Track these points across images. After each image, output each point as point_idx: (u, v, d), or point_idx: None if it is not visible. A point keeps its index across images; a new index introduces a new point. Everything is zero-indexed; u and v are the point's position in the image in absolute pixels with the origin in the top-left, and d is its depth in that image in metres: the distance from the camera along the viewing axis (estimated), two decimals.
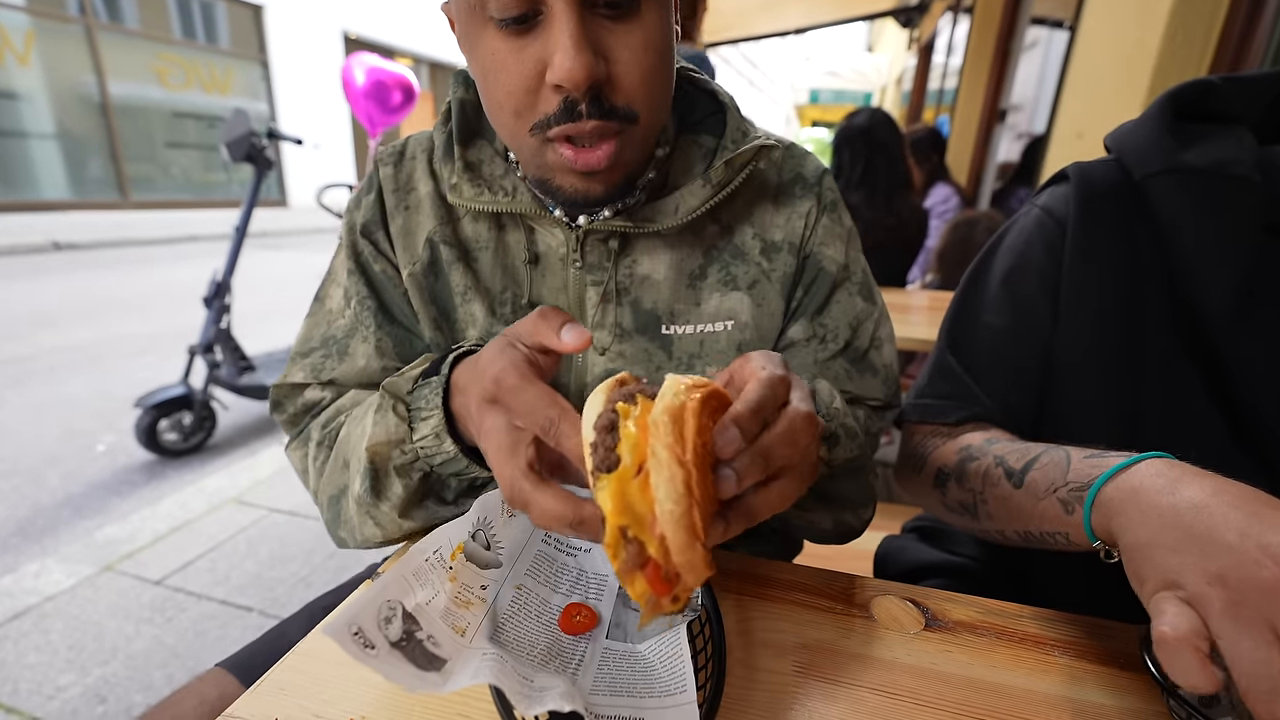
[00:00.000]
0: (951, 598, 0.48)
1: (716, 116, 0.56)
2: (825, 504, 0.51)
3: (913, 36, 6.64)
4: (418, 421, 0.43)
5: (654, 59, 0.43)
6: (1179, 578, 0.32)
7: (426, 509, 0.48)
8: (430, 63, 12.25)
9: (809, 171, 0.57)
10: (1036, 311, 0.56)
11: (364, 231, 0.56)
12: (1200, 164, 0.49)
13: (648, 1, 0.42)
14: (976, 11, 3.76)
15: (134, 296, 4.48)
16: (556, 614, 0.42)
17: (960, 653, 0.42)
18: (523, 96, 0.42)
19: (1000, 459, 0.49)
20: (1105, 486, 0.39)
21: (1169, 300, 0.51)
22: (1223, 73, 1.40)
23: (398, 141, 0.59)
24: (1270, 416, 0.47)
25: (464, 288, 0.54)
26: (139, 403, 2.16)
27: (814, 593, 0.48)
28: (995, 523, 0.50)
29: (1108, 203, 0.53)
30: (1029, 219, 0.59)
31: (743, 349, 0.54)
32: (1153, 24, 1.50)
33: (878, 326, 0.57)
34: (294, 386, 0.57)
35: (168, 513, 1.89)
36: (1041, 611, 0.46)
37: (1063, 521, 0.42)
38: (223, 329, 2.33)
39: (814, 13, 5.78)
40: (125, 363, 3.19)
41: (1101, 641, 0.43)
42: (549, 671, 0.36)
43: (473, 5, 0.41)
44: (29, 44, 7.06)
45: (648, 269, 0.54)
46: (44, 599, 1.51)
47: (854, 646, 0.43)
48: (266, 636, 0.58)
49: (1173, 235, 0.50)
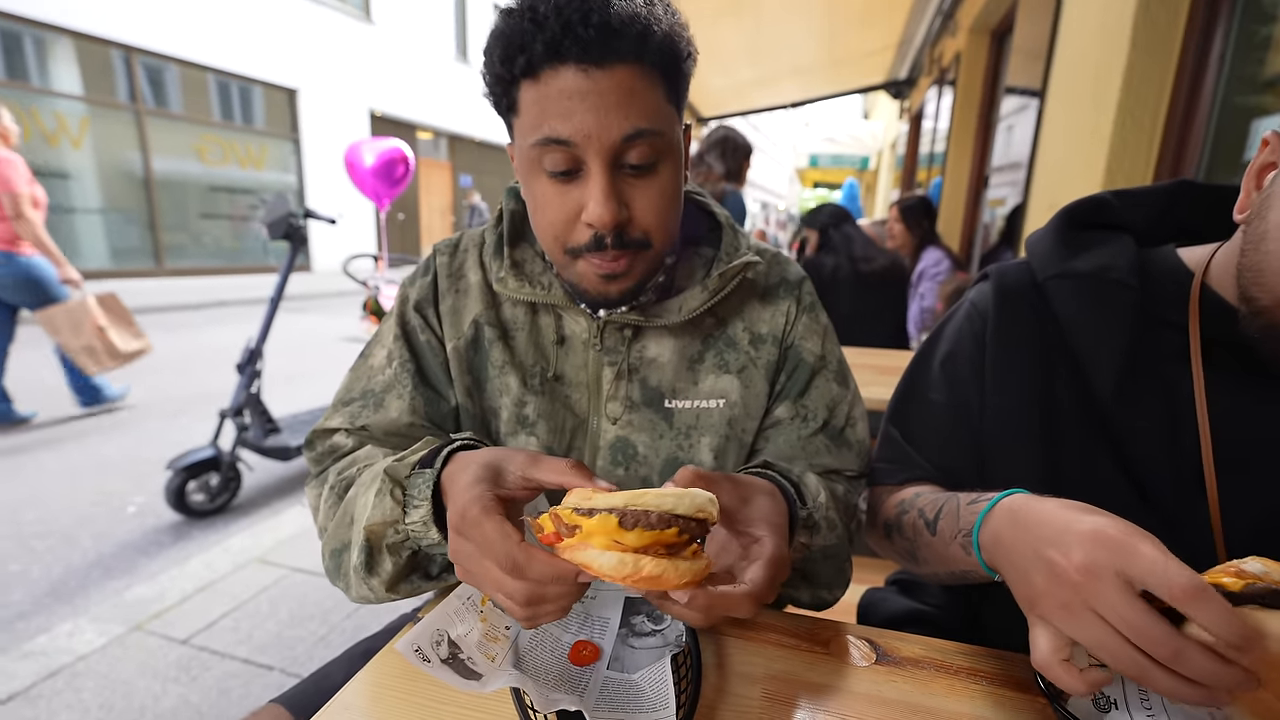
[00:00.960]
0: (902, 637, 0.56)
1: (715, 232, 0.69)
2: (805, 581, 0.60)
3: (903, 106, 7.03)
4: (410, 508, 0.49)
5: (665, 203, 0.57)
6: (1028, 605, 0.42)
7: (412, 583, 0.55)
8: (449, 135, 13.03)
9: (791, 275, 0.70)
10: (968, 392, 0.65)
11: (416, 307, 0.68)
12: (1086, 269, 0.60)
13: (663, 163, 0.56)
14: (959, 84, 4.04)
15: (166, 360, 4.68)
16: (566, 649, 0.51)
17: (904, 683, 0.50)
18: (563, 228, 0.56)
19: (921, 511, 0.58)
20: (981, 533, 0.49)
21: (1075, 382, 0.60)
22: (1170, 158, 1.55)
23: (455, 236, 0.72)
24: (1158, 481, 0.56)
25: (501, 362, 0.66)
26: (170, 465, 2.27)
27: (783, 633, 0.56)
28: (930, 567, 0.58)
29: (1021, 300, 0.64)
30: (961, 311, 0.70)
31: (733, 424, 0.66)
32: (1104, 109, 1.66)
33: (851, 407, 0.69)
34: (329, 431, 0.67)
35: (194, 573, 1.97)
36: (975, 648, 0.54)
37: (967, 562, 0.51)
38: (253, 393, 2.47)
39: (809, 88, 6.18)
40: (156, 425, 3.34)
41: (1021, 671, 0.51)
42: (561, 691, 0.45)
43: (532, 159, 0.54)
44: (83, 129, 7.67)
45: (655, 353, 0.65)
46: (76, 658, 1.57)
47: (815, 677, 0.51)
48: (313, 677, 0.66)
49: (1069, 328, 0.60)
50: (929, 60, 5.23)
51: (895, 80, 6.61)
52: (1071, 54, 1.99)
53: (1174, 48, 1.52)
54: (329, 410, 0.68)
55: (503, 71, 0.53)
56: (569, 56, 0.49)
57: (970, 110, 3.96)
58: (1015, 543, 0.44)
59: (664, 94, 0.54)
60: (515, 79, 0.52)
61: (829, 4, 3.87)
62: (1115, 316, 0.57)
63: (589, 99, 0.50)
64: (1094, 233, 0.63)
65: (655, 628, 0.53)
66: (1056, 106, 2.09)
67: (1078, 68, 1.92)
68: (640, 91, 0.52)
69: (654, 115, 0.53)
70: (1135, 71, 1.56)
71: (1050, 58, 2.16)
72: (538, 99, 0.52)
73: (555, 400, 0.66)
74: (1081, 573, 0.38)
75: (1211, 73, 1.46)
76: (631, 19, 0.50)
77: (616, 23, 0.49)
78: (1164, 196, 0.64)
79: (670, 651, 0.48)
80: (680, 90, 0.57)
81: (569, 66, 0.50)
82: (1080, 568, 0.38)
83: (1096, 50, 1.76)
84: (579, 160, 0.53)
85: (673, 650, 0.49)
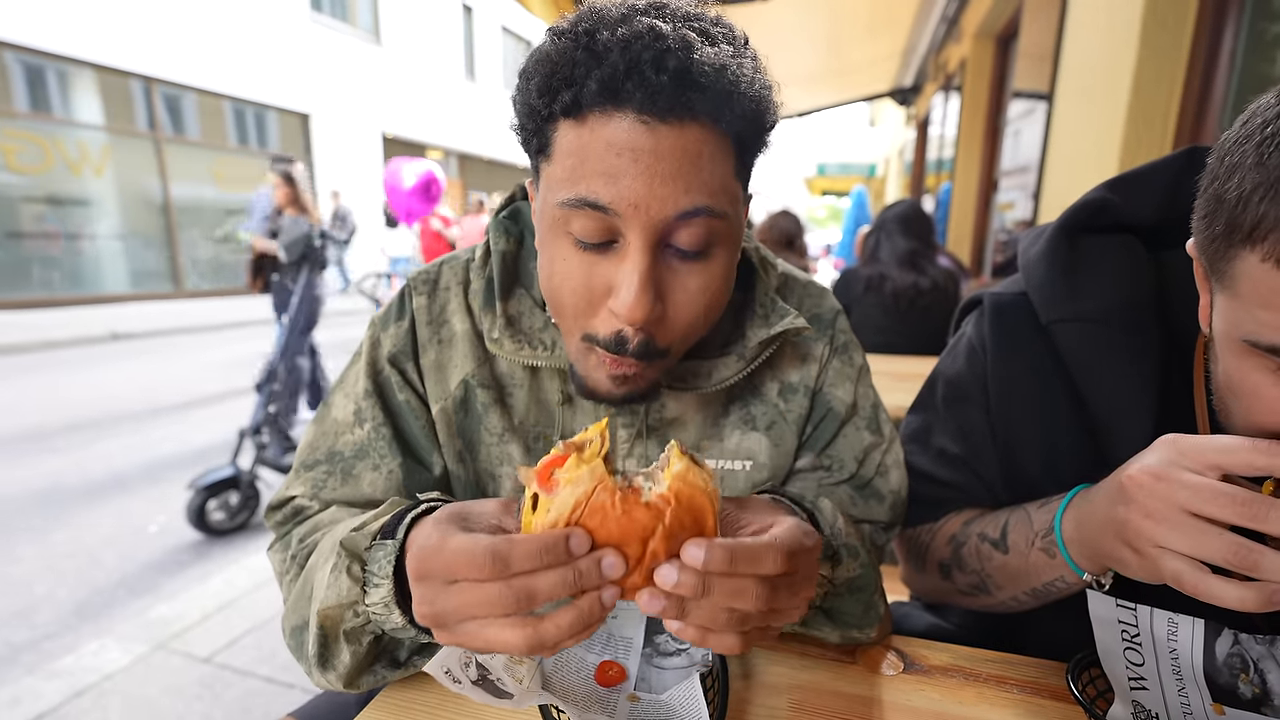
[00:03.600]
0: (929, 645, 0.55)
1: (743, 269, 0.58)
2: (830, 620, 0.51)
3: (910, 113, 7.03)
4: (370, 586, 0.41)
5: (708, 299, 0.46)
6: (1121, 538, 0.42)
7: (375, 674, 0.47)
8: (459, 154, 13.22)
9: (825, 311, 0.62)
10: (981, 436, 0.62)
11: (392, 360, 0.57)
12: (1094, 315, 0.54)
13: (718, 249, 0.45)
14: (965, 89, 4.04)
15: (184, 381, 4.77)
16: (592, 669, 0.51)
17: (933, 691, 0.49)
18: (585, 307, 0.46)
19: (982, 534, 0.55)
20: (1064, 526, 0.48)
21: (1081, 425, 0.55)
22: None
23: (431, 268, 0.60)
24: None
25: (500, 430, 0.57)
26: (191, 484, 2.31)
27: (808, 642, 0.55)
28: (1006, 592, 0.55)
29: (1020, 337, 0.59)
30: (960, 348, 0.65)
31: (757, 488, 0.58)
32: (1115, 110, 1.65)
33: (884, 455, 0.61)
34: (290, 499, 0.57)
35: (215, 591, 1.99)
36: (1005, 655, 0.53)
37: (1052, 567, 0.50)
38: (271, 412, 2.50)
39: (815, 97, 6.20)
40: (175, 445, 3.38)
41: (1053, 679, 0.50)
42: (593, 712, 0.45)
43: (557, 219, 0.44)
44: (105, 157, 7.88)
45: (675, 412, 0.58)
46: (103, 677, 1.59)
47: (842, 687, 0.50)
48: (329, 691, 0.65)
49: (1081, 375, 0.55)
50: (934, 67, 5.24)
51: (901, 87, 6.63)
52: (1079, 56, 1.99)
53: (1183, 47, 1.51)
54: (290, 475, 0.58)
55: (539, 104, 0.42)
56: (628, 102, 0.40)
57: (977, 115, 3.96)
58: (1090, 506, 0.46)
59: (735, 167, 0.45)
60: (554, 115, 0.42)
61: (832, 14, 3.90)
62: (1136, 367, 0.52)
63: (643, 160, 0.40)
64: (1095, 240, 0.57)
65: (680, 646, 0.53)
66: (1065, 109, 2.09)
67: (1086, 70, 1.91)
68: (709, 160, 0.42)
69: (720, 191, 0.43)
70: (1145, 71, 1.55)
71: (1057, 60, 2.16)
72: (578, 148, 0.42)
73: None
74: (1151, 475, 0.40)
75: (1223, 71, 1.45)
76: (717, 72, 0.40)
77: (698, 72, 0.39)
78: (1171, 176, 0.56)
79: (698, 670, 0.48)
80: (750, 165, 0.48)
81: (626, 114, 0.40)
82: (1148, 470, 0.40)
83: (1104, 51, 1.75)
84: (617, 232, 0.43)
85: (700, 669, 0.49)
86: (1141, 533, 0.40)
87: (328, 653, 0.45)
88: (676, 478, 0.34)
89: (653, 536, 0.33)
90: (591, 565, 0.33)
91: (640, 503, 0.34)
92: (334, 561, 0.43)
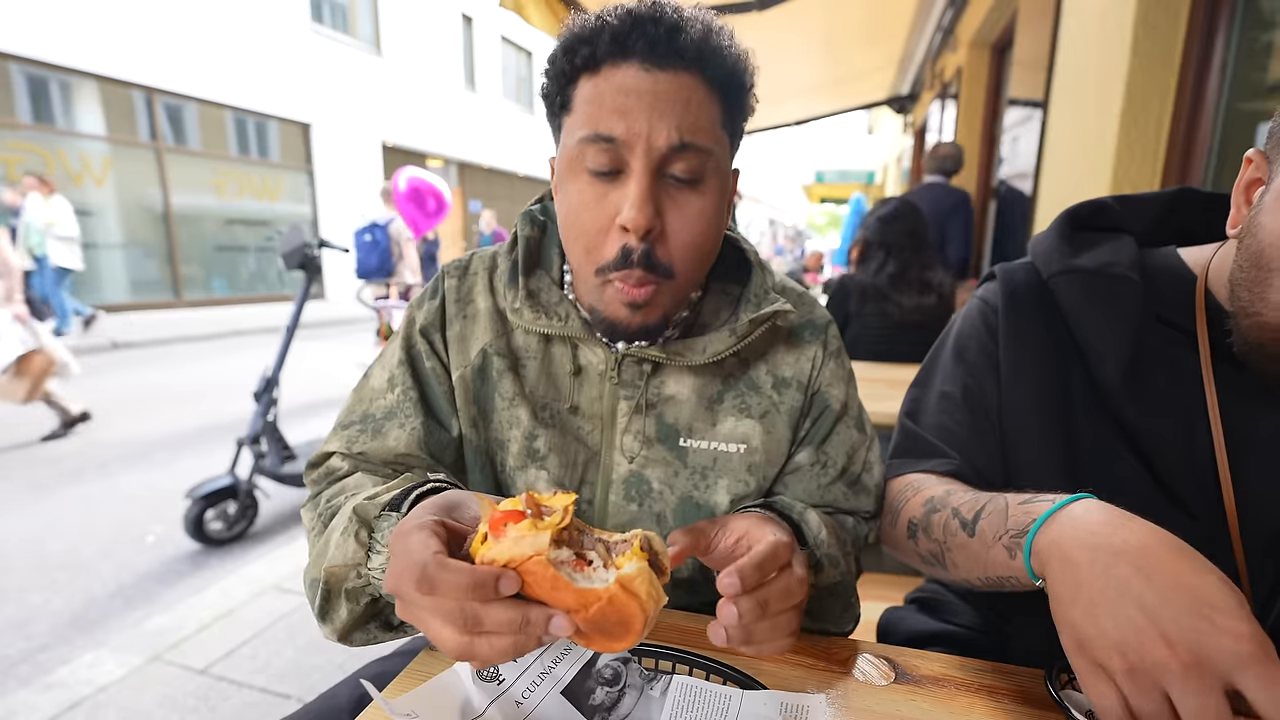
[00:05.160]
0: (921, 655, 0.55)
1: (742, 267, 0.68)
2: (811, 618, 0.59)
3: (907, 121, 7.07)
4: (374, 552, 0.47)
5: (702, 225, 0.55)
6: (1087, 641, 0.39)
7: (368, 632, 0.52)
8: (459, 163, 13.28)
9: (818, 318, 0.69)
10: (984, 382, 0.66)
11: (423, 332, 0.66)
12: (1089, 266, 0.60)
13: (708, 182, 0.55)
14: (961, 98, 4.06)
15: (183, 391, 4.77)
16: None
17: (924, 701, 0.49)
18: (594, 236, 0.54)
19: (956, 510, 0.55)
20: (1038, 535, 0.45)
21: (1086, 378, 0.61)
22: (1176, 164, 1.55)
23: (463, 257, 0.70)
24: (1173, 475, 0.55)
25: (512, 394, 0.64)
26: (189, 494, 2.30)
27: (801, 652, 0.55)
28: (960, 571, 0.55)
29: (1027, 297, 0.65)
30: (972, 307, 0.71)
31: (753, 470, 0.64)
32: (1108, 117, 1.66)
33: (868, 452, 0.68)
34: (326, 454, 0.65)
35: (212, 601, 1.98)
36: (997, 665, 0.53)
37: (1009, 566, 0.48)
38: (269, 421, 2.50)
39: (812, 106, 6.23)
40: (173, 455, 3.38)
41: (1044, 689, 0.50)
42: None
43: (574, 157, 0.54)
44: (106, 168, 7.92)
45: (673, 390, 0.63)
46: (97, 689, 1.58)
47: (833, 697, 0.50)
48: (321, 699, 0.65)
49: (1076, 322, 0.61)
50: (931, 75, 5.27)
51: (898, 96, 6.66)
52: (1072, 64, 2.00)
53: (1175, 54, 1.53)
54: (330, 433, 0.66)
55: (564, 64, 0.53)
56: (633, 53, 0.51)
57: (974, 123, 3.98)
58: (1091, 566, 0.40)
59: (720, 116, 0.55)
60: (576, 72, 0.53)
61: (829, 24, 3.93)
62: (1120, 310, 0.58)
63: (645, 99, 0.51)
64: (1095, 233, 0.64)
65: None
66: (1060, 116, 2.10)
67: (1079, 77, 1.93)
68: (697, 104, 0.52)
69: (707, 132, 0.53)
70: (1137, 78, 1.56)
71: (1051, 69, 2.17)
72: (594, 95, 0.52)
73: (567, 433, 0.64)
74: (1185, 663, 0.35)
75: (1214, 78, 1.46)
76: (703, 32, 0.52)
77: (686, 26, 0.51)
78: (1164, 203, 0.65)
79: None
80: (736, 122, 0.57)
81: (631, 64, 0.51)
82: (1187, 655, 0.35)
83: (1097, 59, 1.77)
84: (623, 161, 0.52)
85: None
86: (1113, 671, 0.38)
87: (328, 606, 0.50)
88: (622, 580, 0.35)
89: (575, 612, 0.36)
90: (540, 620, 0.37)
91: (571, 587, 0.35)
92: (345, 525, 0.49)
